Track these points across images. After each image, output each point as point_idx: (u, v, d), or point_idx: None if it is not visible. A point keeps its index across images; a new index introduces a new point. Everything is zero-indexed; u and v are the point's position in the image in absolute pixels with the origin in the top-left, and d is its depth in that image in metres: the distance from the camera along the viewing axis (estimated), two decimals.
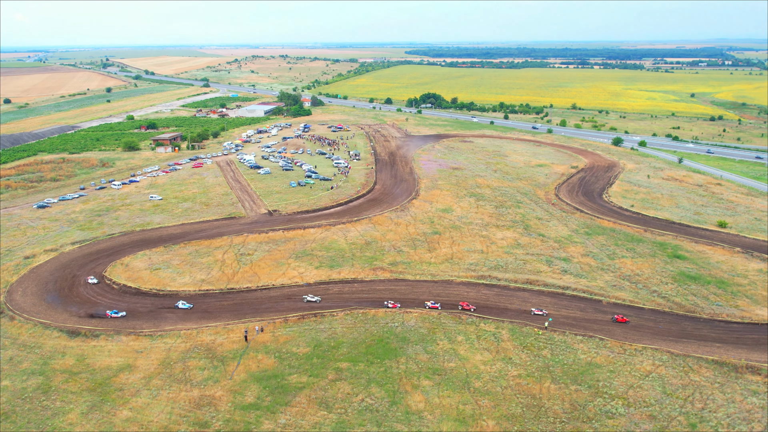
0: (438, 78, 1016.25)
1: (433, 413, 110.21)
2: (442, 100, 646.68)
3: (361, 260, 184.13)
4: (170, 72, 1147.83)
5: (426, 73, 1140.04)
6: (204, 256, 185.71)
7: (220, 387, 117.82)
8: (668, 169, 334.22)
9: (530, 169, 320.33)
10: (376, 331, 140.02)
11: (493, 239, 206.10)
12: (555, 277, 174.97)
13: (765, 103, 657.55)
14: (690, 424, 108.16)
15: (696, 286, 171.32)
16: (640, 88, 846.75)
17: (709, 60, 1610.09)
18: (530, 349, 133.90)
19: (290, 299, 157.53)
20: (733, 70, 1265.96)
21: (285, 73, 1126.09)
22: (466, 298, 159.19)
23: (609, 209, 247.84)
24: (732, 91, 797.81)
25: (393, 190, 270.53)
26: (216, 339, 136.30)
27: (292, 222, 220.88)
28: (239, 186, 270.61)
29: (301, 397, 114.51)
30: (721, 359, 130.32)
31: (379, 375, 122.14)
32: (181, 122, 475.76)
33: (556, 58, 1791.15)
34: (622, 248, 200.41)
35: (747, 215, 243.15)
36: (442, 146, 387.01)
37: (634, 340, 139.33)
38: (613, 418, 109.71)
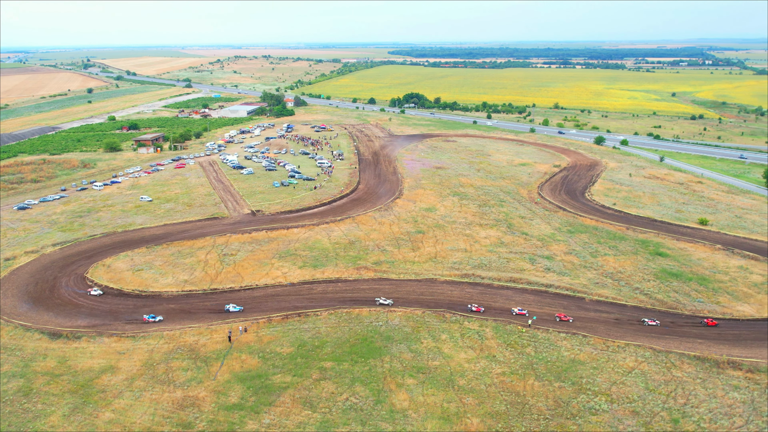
0: (421, 78, 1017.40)
1: (418, 412, 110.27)
2: (426, 100, 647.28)
3: (344, 260, 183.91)
4: (152, 72, 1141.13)
5: (409, 73, 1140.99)
6: (187, 256, 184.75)
7: (203, 388, 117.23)
8: (650, 167, 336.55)
9: (513, 168, 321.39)
10: (360, 331, 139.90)
11: (477, 238, 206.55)
12: (538, 275, 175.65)
13: (745, 102, 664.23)
14: (672, 420, 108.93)
15: (678, 282, 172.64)
16: (621, 87, 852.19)
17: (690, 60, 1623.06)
18: (514, 347, 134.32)
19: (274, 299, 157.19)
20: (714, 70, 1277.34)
21: (268, 73, 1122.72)
22: (450, 296, 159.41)
23: (591, 207, 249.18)
24: (712, 90, 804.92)
25: (377, 190, 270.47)
26: (199, 339, 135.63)
27: (276, 222, 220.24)
28: (222, 186, 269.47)
29: (285, 396, 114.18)
30: (703, 355, 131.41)
31: (364, 374, 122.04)
32: (164, 123, 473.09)
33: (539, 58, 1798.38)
34: (604, 246, 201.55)
35: (728, 213, 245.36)
36: (426, 146, 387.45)
37: (617, 336, 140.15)
38: (597, 415, 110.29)
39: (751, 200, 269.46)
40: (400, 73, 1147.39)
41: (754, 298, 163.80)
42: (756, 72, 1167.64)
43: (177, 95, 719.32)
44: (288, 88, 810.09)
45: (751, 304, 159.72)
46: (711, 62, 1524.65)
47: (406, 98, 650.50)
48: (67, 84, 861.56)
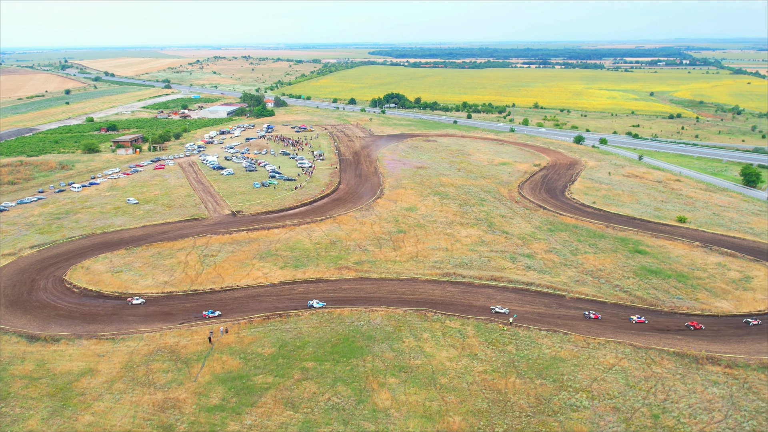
0: (401, 78, 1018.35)
1: (400, 410, 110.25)
2: (406, 100, 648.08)
3: (326, 260, 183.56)
4: (131, 73, 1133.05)
5: (389, 74, 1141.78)
6: (166, 257, 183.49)
7: (184, 389, 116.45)
8: (629, 166, 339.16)
9: (493, 168, 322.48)
10: (342, 330, 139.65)
11: (458, 237, 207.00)
12: (519, 273, 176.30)
13: (722, 101, 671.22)
14: (653, 415, 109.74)
15: (657, 280, 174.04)
16: (600, 87, 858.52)
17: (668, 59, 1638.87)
18: (495, 345, 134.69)
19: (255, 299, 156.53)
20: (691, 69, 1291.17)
21: (248, 73, 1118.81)
22: (431, 295, 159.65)
23: (571, 206, 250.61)
24: (690, 89, 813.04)
25: (357, 190, 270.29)
26: (180, 341, 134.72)
27: (256, 222, 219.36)
28: (202, 187, 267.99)
29: (266, 397, 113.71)
30: (682, 351, 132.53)
31: (346, 374, 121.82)
32: (142, 124, 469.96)
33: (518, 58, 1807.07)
34: (584, 244, 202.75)
35: (705, 210, 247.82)
36: (406, 145, 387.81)
37: (597, 333, 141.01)
38: (578, 411, 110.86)
39: (728, 198, 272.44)
40: (381, 74, 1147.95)
41: (732, 294, 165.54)
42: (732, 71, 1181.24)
43: (156, 96, 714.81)
44: (268, 89, 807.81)
45: (729, 301, 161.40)
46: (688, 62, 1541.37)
47: (386, 98, 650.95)
48: (45, 85, 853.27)
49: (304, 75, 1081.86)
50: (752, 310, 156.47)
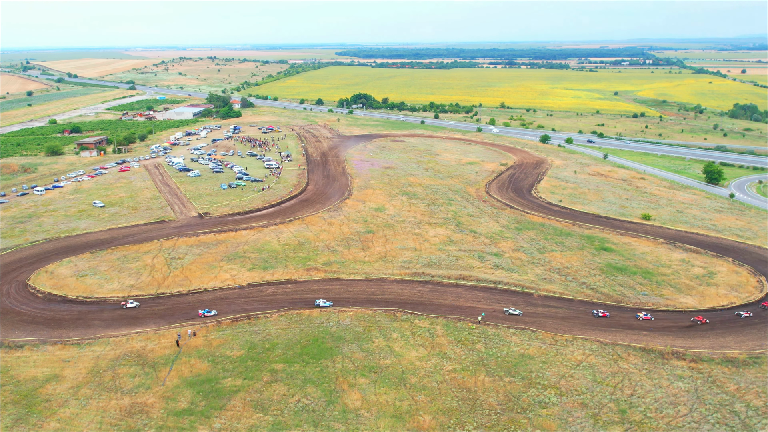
0: (369, 78, 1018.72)
1: (370, 411, 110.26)
2: (373, 100, 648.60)
3: (294, 261, 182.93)
4: (94, 75, 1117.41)
5: (357, 74, 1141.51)
6: (133, 261, 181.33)
7: (152, 394, 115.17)
8: (594, 164, 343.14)
9: (461, 167, 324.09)
10: (311, 332, 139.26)
11: (426, 237, 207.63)
12: (487, 272, 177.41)
13: (684, 101, 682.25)
14: (620, 410, 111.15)
15: (623, 276, 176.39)
16: (565, 87, 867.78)
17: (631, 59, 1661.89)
18: (464, 344, 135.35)
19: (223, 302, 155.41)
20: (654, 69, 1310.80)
21: (214, 74, 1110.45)
22: (400, 295, 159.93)
23: (538, 205, 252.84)
24: (653, 89, 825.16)
25: (326, 190, 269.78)
26: (147, 345, 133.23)
27: (224, 224, 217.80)
28: (168, 189, 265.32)
29: (236, 400, 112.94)
30: (648, 346, 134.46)
31: (315, 375, 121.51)
32: (107, 125, 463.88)
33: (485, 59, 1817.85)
34: (551, 242, 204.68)
35: (669, 208, 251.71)
36: (374, 146, 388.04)
37: (564, 331, 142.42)
38: (547, 408, 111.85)
39: (691, 195, 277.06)
40: (348, 74, 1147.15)
41: (696, 290, 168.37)
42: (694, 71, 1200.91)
43: (120, 97, 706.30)
44: (234, 90, 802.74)
45: (693, 296, 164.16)
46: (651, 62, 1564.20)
47: (354, 99, 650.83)
48: (6, 87, 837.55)
49: (271, 76, 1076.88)
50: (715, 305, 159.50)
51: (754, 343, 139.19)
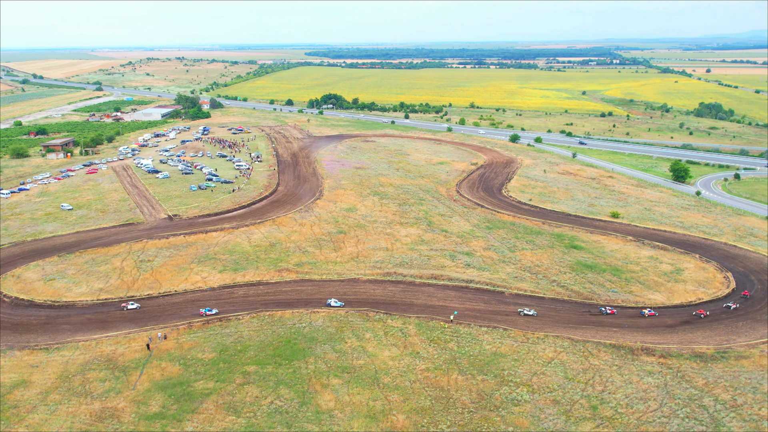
0: (339, 79, 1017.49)
1: (344, 411, 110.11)
2: (344, 100, 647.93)
3: (265, 262, 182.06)
4: (60, 76, 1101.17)
5: (326, 74, 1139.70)
6: (101, 264, 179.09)
7: (122, 398, 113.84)
8: (563, 163, 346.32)
9: (432, 167, 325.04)
10: (284, 333, 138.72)
11: (398, 236, 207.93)
12: (459, 271, 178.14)
13: (651, 100, 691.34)
14: (591, 407, 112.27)
15: (592, 274, 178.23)
16: (534, 86, 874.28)
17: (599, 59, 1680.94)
18: (437, 343, 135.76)
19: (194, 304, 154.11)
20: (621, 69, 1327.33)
21: (182, 75, 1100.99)
22: (372, 295, 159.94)
23: (508, 204, 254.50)
24: (620, 88, 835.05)
25: (296, 191, 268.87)
26: (117, 349, 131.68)
27: (194, 226, 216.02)
28: (137, 191, 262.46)
29: (208, 403, 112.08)
30: (618, 343, 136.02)
31: (288, 376, 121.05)
32: (74, 127, 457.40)
33: (454, 59, 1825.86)
34: (522, 241, 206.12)
35: (637, 205, 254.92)
36: (345, 146, 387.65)
37: (536, 328, 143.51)
38: (519, 405, 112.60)
39: (658, 193, 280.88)
40: (318, 74, 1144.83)
41: (664, 286, 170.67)
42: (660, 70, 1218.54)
43: (87, 98, 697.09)
44: (203, 90, 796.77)
45: (662, 293, 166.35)
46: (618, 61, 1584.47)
47: (324, 99, 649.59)
48: None
49: (240, 76, 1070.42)
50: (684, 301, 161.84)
51: (722, 338, 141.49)
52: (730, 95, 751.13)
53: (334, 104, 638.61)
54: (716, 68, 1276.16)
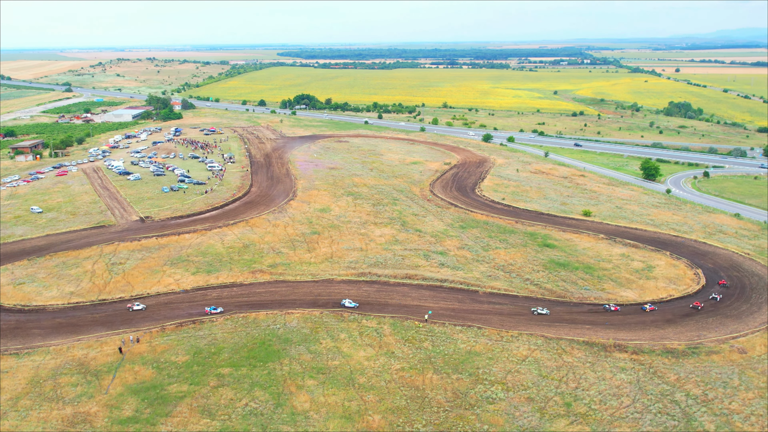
0: (311, 79, 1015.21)
1: (319, 412, 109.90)
2: (317, 101, 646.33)
3: (239, 264, 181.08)
4: (29, 77, 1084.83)
5: (299, 75, 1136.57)
6: (72, 267, 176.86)
7: (95, 402, 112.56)
8: (536, 162, 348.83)
9: (405, 167, 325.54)
10: (258, 334, 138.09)
11: (372, 237, 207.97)
12: (433, 270, 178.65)
13: (621, 99, 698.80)
14: (565, 403, 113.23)
15: (565, 272, 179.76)
16: (506, 86, 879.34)
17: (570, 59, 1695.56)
18: (412, 342, 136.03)
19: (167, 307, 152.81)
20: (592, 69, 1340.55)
21: (153, 76, 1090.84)
22: (347, 296, 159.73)
23: (482, 203, 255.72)
24: (591, 87, 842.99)
25: (270, 192, 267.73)
26: (89, 353, 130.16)
27: (166, 228, 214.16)
28: (108, 193, 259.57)
29: (182, 406, 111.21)
30: (591, 340, 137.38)
31: (263, 378, 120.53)
32: (43, 129, 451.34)
33: (427, 59, 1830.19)
34: (495, 240, 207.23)
35: (609, 204, 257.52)
36: (318, 147, 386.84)
37: (510, 327, 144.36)
38: (494, 403, 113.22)
39: (629, 191, 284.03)
40: (290, 75, 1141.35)
41: (636, 283, 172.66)
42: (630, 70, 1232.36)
43: (56, 100, 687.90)
44: (175, 91, 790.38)
45: (633, 290, 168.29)
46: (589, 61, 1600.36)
47: (297, 99, 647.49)
48: None
49: (212, 77, 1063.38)
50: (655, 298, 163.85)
51: (692, 333, 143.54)
52: (698, 94, 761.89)
53: (307, 105, 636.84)
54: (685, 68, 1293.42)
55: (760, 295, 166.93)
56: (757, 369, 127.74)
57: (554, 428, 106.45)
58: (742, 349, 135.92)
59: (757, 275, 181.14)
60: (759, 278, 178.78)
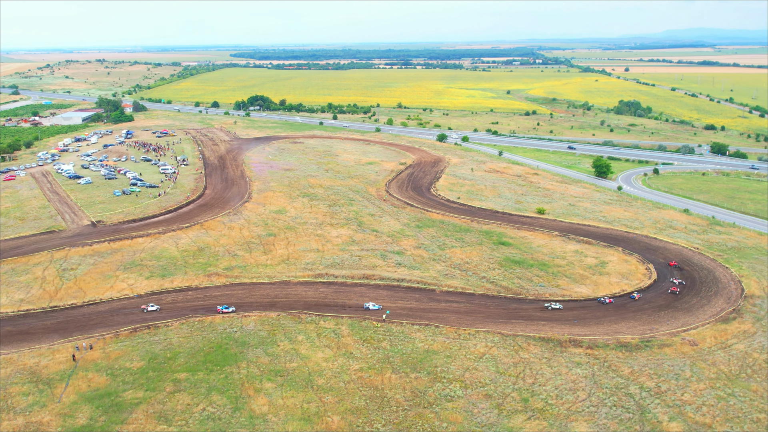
0: (265, 80, 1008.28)
1: (278, 415, 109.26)
2: (271, 102, 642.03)
3: (194, 267, 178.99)
4: None
5: (253, 76, 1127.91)
6: (21, 274, 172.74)
7: (47, 411, 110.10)
8: (490, 161, 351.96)
9: (361, 167, 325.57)
10: (214, 338, 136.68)
11: (328, 237, 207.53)
12: (390, 270, 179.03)
13: (573, 98, 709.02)
14: (522, 399, 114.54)
15: (520, 269, 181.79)
16: (460, 86, 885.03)
17: (522, 59, 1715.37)
18: (370, 342, 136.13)
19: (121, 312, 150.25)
20: (544, 68, 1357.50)
21: (103, 78, 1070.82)
22: (304, 297, 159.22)
23: (437, 202, 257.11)
24: (543, 87, 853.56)
25: (224, 194, 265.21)
26: (40, 361, 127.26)
27: (119, 232, 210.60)
28: (58, 198, 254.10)
29: (137, 413, 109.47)
30: (547, 336, 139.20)
31: (220, 382, 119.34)
32: None
33: (381, 59, 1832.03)
34: (451, 239, 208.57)
35: (562, 201, 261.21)
36: (273, 148, 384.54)
37: (467, 325, 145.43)
38: (453, 401, 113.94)
39: (582, 189, 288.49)
40: (244, 76, 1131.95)
41: (590, 279, 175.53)
42: (581, 70, 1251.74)
43: (3, 103, 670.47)
44: (126, 93, 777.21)
45: (587, 285, 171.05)
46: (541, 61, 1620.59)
47: (251, 101, 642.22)
48: None
49: (164, 78, 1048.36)
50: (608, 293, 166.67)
51: (645, 327, 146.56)
52: (647, 93, 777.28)
53: (261, 106, 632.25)
54: (634, 67, 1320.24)
55: (710, 288, 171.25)
56: (708, 360, 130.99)
57: (512, 424, 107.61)
58: (693, 341, 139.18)
59: (707, 269, 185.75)
60: (708, 272, 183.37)
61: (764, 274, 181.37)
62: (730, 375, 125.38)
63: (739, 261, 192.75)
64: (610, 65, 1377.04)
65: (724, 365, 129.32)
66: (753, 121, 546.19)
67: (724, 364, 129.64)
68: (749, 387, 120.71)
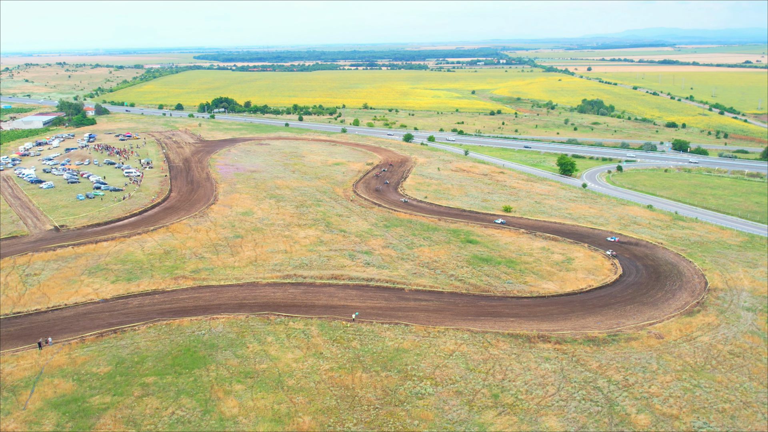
0: (230, 82, 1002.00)
1: (248, 416, 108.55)
2: (236, 104, 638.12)
3: (161, 270, 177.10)
4: None
5: (217, 78, 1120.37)
6: None
7: (12, 419, 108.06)
8: (456, 161, 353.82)
9: (328, 168, 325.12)
10: (183, 341, 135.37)
11: (296, 238, 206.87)
12: (359, 270, 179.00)
13: (537, 98, 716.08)
14: (493, 395, 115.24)
15: (488, 267, 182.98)
16: (425, 87, 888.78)
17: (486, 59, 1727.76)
18: (340, 342, 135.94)
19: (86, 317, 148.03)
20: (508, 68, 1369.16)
21: (64, 81, 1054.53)
22: (273, 298, 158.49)
23: (405, 202, 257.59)
24: (508, 87, 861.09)
25: (190, 197, 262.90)
26: (4, 368, 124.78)
27: (83, 236, 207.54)
28: (19, 202, 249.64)
29: (105, 418, 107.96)
30: (516, 332, 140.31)
31: (189, 385, 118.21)
32: None
33: (346, 60, 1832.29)
34: (419, 238, 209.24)
35: (528, 199, 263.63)
36: (239, 150, 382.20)
37: (436, 322, 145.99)
38: (423, 399, 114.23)
39: (547, 186, 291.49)
40: (208, 78, 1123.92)
41: (557, 275, 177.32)
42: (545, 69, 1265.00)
43: None
44: (88, 96, 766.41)
45: (555, 282, 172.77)
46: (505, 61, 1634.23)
47: (215, 103, 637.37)
48: None
49: (126, 81, 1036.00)
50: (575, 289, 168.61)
51: (612, 321, 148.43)
52: (610, 92, 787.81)
53: (226, 108, 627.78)
54: (596, 66, 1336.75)
55: (674, 282, 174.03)
56: (674, 353, 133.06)
57: (483, 420, 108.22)
58: (659, 334, 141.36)
59: (671, 263, 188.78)
60: (672, 266, 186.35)
61: (727, 267, 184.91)
62: (696, 367, 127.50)
63: (702, 255, 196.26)
64: (573, 65, 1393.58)
65: (689, 357, 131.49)
66: (713, 118, 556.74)
67: (690, 356, 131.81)
68: (714, 378, 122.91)
